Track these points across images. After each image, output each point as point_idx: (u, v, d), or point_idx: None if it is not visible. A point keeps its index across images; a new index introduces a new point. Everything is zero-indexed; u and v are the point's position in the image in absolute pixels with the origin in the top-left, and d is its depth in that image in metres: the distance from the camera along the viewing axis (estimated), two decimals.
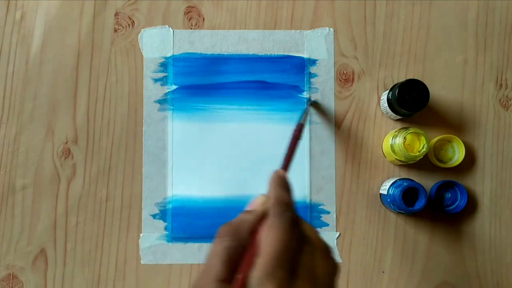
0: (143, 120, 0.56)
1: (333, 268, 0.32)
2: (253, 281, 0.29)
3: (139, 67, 0.57)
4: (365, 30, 0.57)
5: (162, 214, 0.56)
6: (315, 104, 0.56)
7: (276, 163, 0.56)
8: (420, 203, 0.52)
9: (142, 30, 0.57)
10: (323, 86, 0.57)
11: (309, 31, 0.57)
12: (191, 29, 0.57)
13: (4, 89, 0.56)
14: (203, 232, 0.56)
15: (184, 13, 0.57)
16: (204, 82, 0.57)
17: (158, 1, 0.57)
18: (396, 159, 0.53)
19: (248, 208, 0.35)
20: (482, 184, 0.56)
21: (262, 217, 0.33)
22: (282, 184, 0.35)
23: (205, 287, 0.30)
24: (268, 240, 0.30)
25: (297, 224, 0.32)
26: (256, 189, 0.56)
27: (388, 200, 0.53)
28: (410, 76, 0.57)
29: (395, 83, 0.55)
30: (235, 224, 0.32)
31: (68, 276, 0.55)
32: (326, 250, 0.33)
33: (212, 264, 0.30)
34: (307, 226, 0.33)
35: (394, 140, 0.53)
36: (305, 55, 0.57)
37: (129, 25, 0.57)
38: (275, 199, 0.33)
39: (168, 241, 0.55)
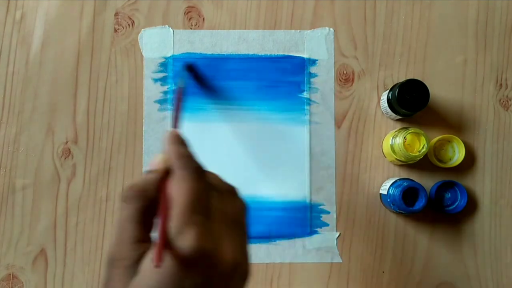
0: (143, 120, 0.56)
1: (241, 205, 0.34)
2: (173, 231, 0.29)
3: (139, 67, 0.57)
4: (365, 30, 0.57)
5: None
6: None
7: (276, 163, 0.56)
8: (420, 203, 0.52)
9: (142, 30, 0.57)
10: (323, 86, 0.57)
11: (309, 31, 0.57)
12: (191, 29, 0.57)
13: (4, 89, 0.56)
14: None
15: (184, 13, 0.57)
16: (204, 82, 0.57)
17: (158, 1, 0.57)
18: (396, 159, 0.53)
19: (148, 168, 0.35)
20: (482, 184, 0.56)
21: (165, 174, 0.33)
22: (178, 140, 0.36)
23: (122, 252, 0.30)
24: (179, 191, 0.31)
25: (202, 172, 0.33)
26: (256, 189, 0.56)
27: (388, 200, 0.53)
28: (410, 76, 0.57)
29: (395, 83, 0.55)
30: (139, 185, 0.32)
31: (68, 276, 0.55)
32: (232, 191, 0.35)
33: (124, 227, 0.31)
34: (210, 174, 0.35)
35: (394, 140, 0.53)
36: (305, 55, 0.57)
37: (129, 25, 0.57)
38: (175, 153, 0.34)
39: None
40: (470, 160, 0.56)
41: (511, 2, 0.58)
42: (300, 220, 0.56)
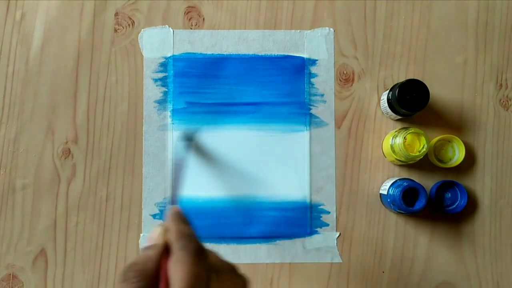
0: (143, 120, 0.56)
1: (241, 284, 0.35)
2: None
3: (139, 67, 0.57)
4: (365, 30, 0.57)
5: (162, 214, 0.56)
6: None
7: (276, 163, 0.56)
8: (420, 203, 0.52)
9: (142, 30, 0.57)
10: (323, 86, 0.57)
11: (309, 31, 0.57)
12: (191, 29, 0.57)
13: (4, 89, 0.56)
14: (203, 232, 0.55)
15: (184, 13, 0.57)
16: (204, 82, 0.57)
17: (158, 1, 0.57)
18: (396, 159, 0.53)
19: (147, 243, 0.35)
20: (482, 184, 0.56)
21: (164, 250, 0.33)
22: (181, 218, 0.36)
23: None
24: (178, 274, 0.30)
25: (202, 254, 0.33)
26: (257, 189, 0.56)
27: (388, 200, 0.53)
28: (410, 76, 0.57)
29: (395, 83, 0.55)
30: (140, 263, 0.32)
31: (68, 276, 0.55)
32: (231, 269, 0.34)
33: None
34: (210, 253, 0.34)
35: (394, 140, 0.53)
36: (305, 55, 0.57)
37: (129, 25, 0.57)
38: (177, 232, 0.34)
39: None
40: (470, 160, 0.56)
41: (511, 2, 0.58)
42: (300, 220, 0.56)
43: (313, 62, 0.57)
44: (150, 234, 0.35)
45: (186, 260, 0.31)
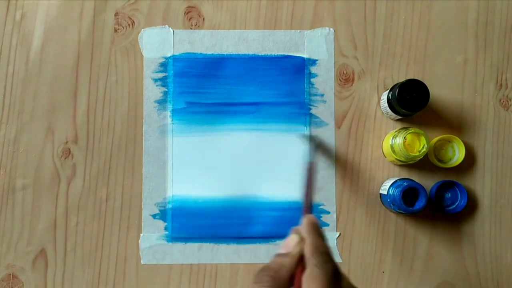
0: (143, 120, 0.56)
1: None
2: None
3: (139, 67, 0.57)
4: (365, 30, 0.57)
5: (162, 214, 0.56)
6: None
7: (276, 163, 0.56)
8: (420, 203, 0.52)
9: (142, 30, 0.57)
10: (323, 86, 0.57)
11: (309, 31, 0.57)
12: (191, 29, 0.57)
13: (4, 89, 0.56)
14: (203, 232, 0.56)
15: (184, 13, 0.57)
16: (204, 82, 0.57)
17: (158, 1, 0.57)
18: (396, 159, 0.53)
19: (282, 250, 0.35)
20: (482, 184, 0.56)
21: (298, 261, 0.33)
22: (317, 231, 0.35)
23: None
24: None
25: (337, 277, 0.32)
26: (257, 189, 0.56)
27: (388, 200, 0.53)
28: (410, 76, 0.57)
29: (395, 83, 0.55)
30: (273, 269, 0.32)
31: (68, 276, 0.55)
32: None
33: None
34: (344, 277, 0.34)
35: (394, 140, 0.53)
36: (305, 55, 0.57)
37: (129, 25, 0.57)
38: (313, 246, 0.33)
39: (168, 241, 0.55)
40: (470, 160, 0.56)
41: (511, 2, 0.58)
42: (300, 220, 0.56)
43: (313, 62, 0.57)
44: (286, 241, 0.35)
45: (321, 279, 0.31)
